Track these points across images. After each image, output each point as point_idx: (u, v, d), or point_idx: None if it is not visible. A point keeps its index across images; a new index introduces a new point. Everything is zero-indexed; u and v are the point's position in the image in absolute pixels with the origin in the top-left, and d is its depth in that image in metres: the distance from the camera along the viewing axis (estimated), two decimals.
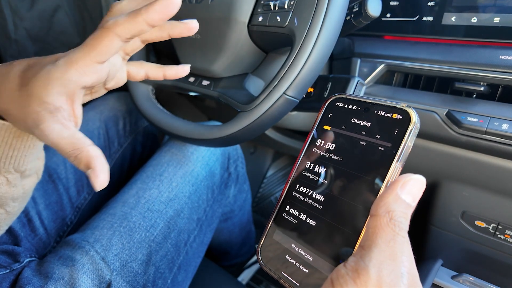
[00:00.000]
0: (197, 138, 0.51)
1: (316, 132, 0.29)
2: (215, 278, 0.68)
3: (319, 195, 0.26)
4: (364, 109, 0.26)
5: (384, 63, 0.54)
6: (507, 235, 0.53)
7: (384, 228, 0.21)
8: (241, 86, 0.50)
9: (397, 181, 0.22)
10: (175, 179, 0.57)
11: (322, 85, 0.52)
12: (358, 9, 0.45)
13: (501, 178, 0.49)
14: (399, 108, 0.25)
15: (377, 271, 0.19)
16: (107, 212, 0.53)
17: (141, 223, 0.52)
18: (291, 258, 0.26)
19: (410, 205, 0.21)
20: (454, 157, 0.52)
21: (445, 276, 0.57)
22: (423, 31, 0.52)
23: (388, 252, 0.20)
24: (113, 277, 0.46)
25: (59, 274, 0.44)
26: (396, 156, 0.23)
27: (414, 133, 0.24)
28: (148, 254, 0.50)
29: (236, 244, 0.89)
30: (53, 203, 0.58)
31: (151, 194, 0.55)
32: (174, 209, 0.55)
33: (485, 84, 0.46)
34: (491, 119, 0.44)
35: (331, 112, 0.28)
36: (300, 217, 0.27)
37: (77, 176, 0.62)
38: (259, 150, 1.22)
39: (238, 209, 0.79)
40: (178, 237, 0.55)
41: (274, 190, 1.24)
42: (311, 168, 0.28)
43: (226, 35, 0.48)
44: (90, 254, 0.46)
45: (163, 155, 0.61)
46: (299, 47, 0.40)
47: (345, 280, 0.20)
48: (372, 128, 0.25)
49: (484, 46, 0.47)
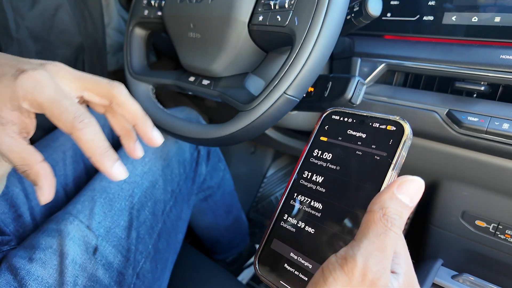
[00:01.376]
0: (197, 137, 0.51)
1: (313, 143, 0.30)
2: (215, 278, 0.68)
3: (317, 203, 0.27)
4: (359, 122, 0.28)
5: (385, 63, 0.54)
6: (507, 235, 0.53)
7: (377, 222, 0.21)
8: (241, 86, 0.50)
9: (395, 181, 0.23)
10: (148, 155, 0.61)
11: (323, 85, 0.52)
12: (358, 9, 0.45)
13: (501, 178, 0.49)
14: (392, 120, 0.26)
15: (364, 260, 0.20)
16: (86, 188, 0.55)
17: (120, 194, 0.55)
18: (290, 267, 0.26)
19: (406, 205, 0.22)
20: (454, 156, 0.52)
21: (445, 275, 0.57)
22: (424, 30, 0.52)
23: (378, 244, 0.21)
24: (99, 242, 0.49)
25: (46, 244, 0.46)
26: (392, 164, 0.24)
27: (408, 143, 0.25)
28: (129, 220, 0.54)
29: (225, 230, 0.90)
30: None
31: (126, 168, 0.57)
32: (149, 180, 0.59)
33: (485, 84, 0.46)
34: (492, 118, 0.44)
35: (327, 125, 0.30)
36: (298, 225, 0.27)
37: (76, 173, 0.63)
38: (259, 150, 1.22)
39: (216, 186, 0.82)
40: (155, 206, 0.59)
41: (274, 190, 1.24)
42: (308, 177, 0.28)
43: (226, 34, 0.48)
44: (74, 223, 0.49)
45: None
46: (299, 46, 0.40)
47: (334, 267, 0.21)
48: (367, 139, 0.26)
49: (485, 46, 0.46)
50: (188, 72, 0.58)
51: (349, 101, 0.47)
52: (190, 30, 0.52)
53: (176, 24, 0.54)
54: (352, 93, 0.47)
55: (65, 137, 0.65)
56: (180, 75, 0.58)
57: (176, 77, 0.58)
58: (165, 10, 0.56)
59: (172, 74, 0.59)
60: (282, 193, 1.21)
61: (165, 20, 0.56)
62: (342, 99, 0.47)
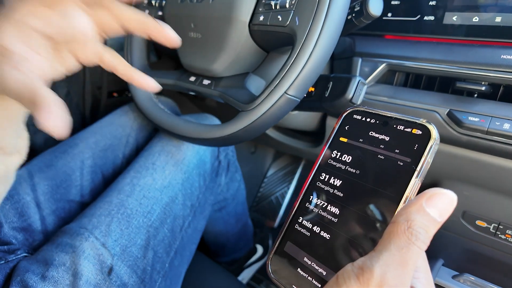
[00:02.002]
0: (198, 137, 0.51)
1: (332, 144, 0.28)
2: (215, 277, 0.68)
3: (334, 208, 0.25)
4: (382, 123, 0.26)
5: (385, 63, 0.54)
6: (508, 235, 0.53)
7: (400, 235, 0.20)
8: (242, 86, 0.50)
9: (424, 193, 0.21)
10: (168, 167, 0.58)
11: (323, 85, 0.52)
12: (359, 8, 0.45)
13: (502, 178, 0.49)
14: (419, 123, 0.24)
15: (382, 272, 0.19)
16: (103, 200, 0.53)
17: (138, 210, 0.52)
18: (303, 272, 0.25)
19: (434, 220, 0.20)
20: (455, 156, 0.52)
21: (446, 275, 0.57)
22: (425, 30, 0.52)
23: (398, 258, 0.19)
24: (114, 261, 0.47)
25: (59, 261, 0.44)
26: (415, 171, 0.23)
27: (434, 149, 0.23)
28: (146, 239, 0.51)
29: (232, 236, 0.89)
30: (60, 209, 0.57)
31: (145, 182, 0.56)
32: (168, 195, 0.57)
33: (486, 84, 0.46)
34: (493, 118, 0.44)
35: (348, 125, 0.28)
36: (313, 230, 0.26)
37: (94, 184, 0.61)
38: (259, 150, 1.22)
39: (231, 198, 0.80)
40: (174, 223, 0.56)
41: (275, 190, 1.24)
42: (326, 179, 0.27)
43: (227, 34, 0.48)
44: (89, 240, 0.47)
45: (154, 145, 0.62)
46: (300, 46, 0.40)
47: (349, 276, 0.20)
48: (390, 142, 0.25)
49: (486, 46, 0.46)
50: (188, 72, 0.58)
51: (350, 101, 0.47)
52: (191, 30, 0.52)
53: (176, 24, 0.54)
54: (353, 93, 0.47)
55: (85, 144, 0.61)
56: (180, 75, 0.58)
57: (177, 77, 0.58)
58: (165, 10, 0.56)
59: (173, 74, 0.59)
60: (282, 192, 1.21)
61: (166, 20, 0.56)
62: (343, 99, 0.47)
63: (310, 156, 0.87)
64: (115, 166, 0.65)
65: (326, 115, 0.66)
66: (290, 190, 1.22)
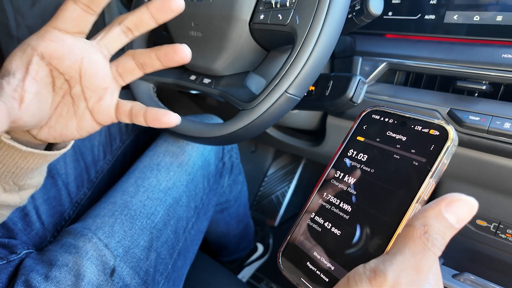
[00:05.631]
0: (198, 136, 0.51)
1: (349, 142, 0.28)
2: (215, 276, 0.68)
3: (347, 205, 0.26)
4: (400, 123, 0.26)
5: (386, 62, 0.54)
6: (508, 234, 0.53)
7: (416, 239, 0.19)
8: (243, 84, 0.50)
9: (444, 198, 0.20)
10: (172, 168, 0.59)
11: (324, 84, 0.52)
12: (360, 7, 0.45)
13: (502, 177, 0.49)
14: (437, 124, 0.24)
15: (395, 277, 0.19)
16: (107, 201, 0.53)
17: (142, 211, 0.53)
18: (312, 266, 0.25)
19: (452, 226, 0.20)
20: (455, 156, 0.52)
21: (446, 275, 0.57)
22: (425, 29, 0.51)
23: (413, 263, 0.19)
24: (116, 263, 0.47)
25: (63, 261, 0.45)
26: (430, 172, 0.23)
27: (451, 150, 0.23)
28: (149, 240, 0.51)
29: (234, 237, 0.89)
30: (51, 198, 0.58)
31: (150, 183, 0.56)
32: (172, 197, 0.56)
33: (487, 83, 0.46)
34: (493, 118, 0.44)
35: (366, 124, 0.28)
36: (325, 226, 0.26)
37: (77, 171, 0.62)
38: (260, 149, 1.22)
39: (234, 199, 0.80)
40: (177, 224, 0.56)
41: (275, 189, 1.24)
42: (340, 177, 0.27)
43: (227, 33, 0.48)
44: (93, 241, 0.47)
45: (159, 145, 0.62)
46: (300, 45, 0.40)
47: (361, 279, 0.20)
48: (407, 142, 0.25)
49: (486, 45, 0.46)
50: (189, 71, 0.58)
51: (350, 100, 0.47)
52: (191, 28, 0.52)
53: (177, 22, 0.54)
54: (353, 92, 0.47)
55: None
56: (181, 73, 0.58)
57: (177, 75, 0.58)
58: None
59: (173, 72, 0.59)
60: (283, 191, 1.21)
61: None
62: (343, 98, 0.47)
63: (311, 155, 0.87)
64: (93, 154, 0.65)
65: (327, 114, 0.66)
66: (290, 189, 1.22)
